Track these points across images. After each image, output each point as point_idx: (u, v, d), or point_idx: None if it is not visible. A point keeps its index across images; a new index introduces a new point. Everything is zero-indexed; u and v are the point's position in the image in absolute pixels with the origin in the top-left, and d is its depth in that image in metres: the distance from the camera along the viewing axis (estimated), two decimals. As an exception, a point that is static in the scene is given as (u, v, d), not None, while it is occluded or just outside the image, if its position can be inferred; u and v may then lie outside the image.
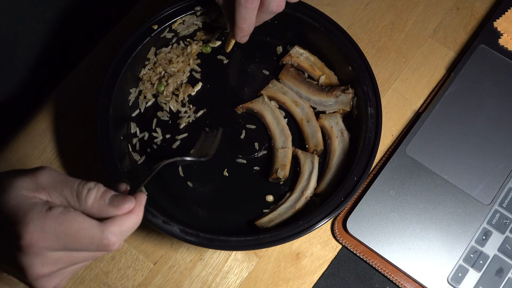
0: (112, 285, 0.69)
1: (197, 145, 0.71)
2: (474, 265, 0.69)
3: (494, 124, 0.75)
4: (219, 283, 0.70)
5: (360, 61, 0.72)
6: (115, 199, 0.46)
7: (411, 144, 0.74)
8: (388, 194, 0.72)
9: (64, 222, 0.44)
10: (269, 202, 0.71)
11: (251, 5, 0.62)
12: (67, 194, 0.45)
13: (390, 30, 0.83)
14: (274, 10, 0.64)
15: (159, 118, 0.74)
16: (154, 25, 0.73)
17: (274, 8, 0.64)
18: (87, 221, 0.44)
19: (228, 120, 0.75)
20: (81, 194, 0.45)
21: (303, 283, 0.70)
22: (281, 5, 0.63)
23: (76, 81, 0.78)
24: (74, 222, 0.44)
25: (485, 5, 0.84)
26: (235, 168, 0.72)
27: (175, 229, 0.63)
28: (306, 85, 0.75)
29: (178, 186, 0.71)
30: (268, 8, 0.63)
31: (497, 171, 0.73)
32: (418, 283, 0.69)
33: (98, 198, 0.45)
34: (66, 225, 0.44)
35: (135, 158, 0.72)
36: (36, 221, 0.43)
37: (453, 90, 0.77)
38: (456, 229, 0.70)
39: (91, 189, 0.45)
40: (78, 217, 0.44)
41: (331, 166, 0.71)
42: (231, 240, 0.63)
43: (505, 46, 0.80)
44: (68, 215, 0.44)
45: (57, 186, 0.45)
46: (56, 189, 0.45)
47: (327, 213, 0.64)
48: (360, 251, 0.70)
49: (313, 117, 0.74)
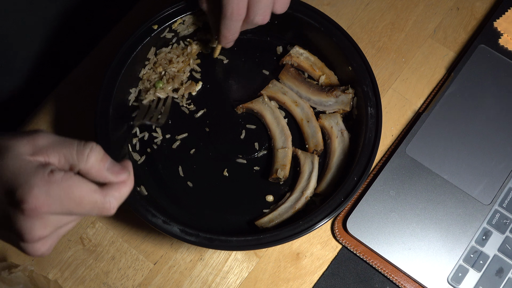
0: (112, 285, 0.69)
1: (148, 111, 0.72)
2: (474, 265, 0.69)
3: (494, 124, 0.75)
4: (219, 283, 0.70)
5: (360, 61, 0.72)
6: (114, 166, 0.47)
7: (411, 144, 0.74)
8: (388, 194, 0.72)
9: (68, 187, 0.45)
10: (269, 202, 0.71)
11: (236, 17, 0.63)
12: (67, 154, 0.46)
13: (390, 30, 0.83)
14: (259, 23, 0.65)
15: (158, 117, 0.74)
16: (154, 25, 0.73)
17: (259, 21, 0.65)
18: (89, 186, 0.46)
19: (228, 120, 0.75)
20: (83, 153, 0.46)
21: (303, 283, 0.70)
22: (266, 18, 0.65)
23: (76, 81, 0.78)
24: (77, 187, 0.45)
25: (485, 5, 0.84)
26: (235, 168, 0.72)
27: (175, 229, 0.63)
28: (306, 85, 0.75)
29: (178, 186, 0.71)
30: (253, 20, 0.64)
31: (497, 171, 0.73)
32: (418, 283, 0.69)
33: (99, 159, 0.47)
34: (70, 190, 0.45)
35: (135, 158, 0.72)
36: (40, 185, 0.44)
37: (453, 90, 0.77)
38: (456, 229, 0.70)
39: (93, 149, 0.46)
40: (81, 182, 0.45)
41: (331, 166, 0.71)
42: (231, 240, 0.63)
43: (505, 46, 0.80)
44: (70, 180, 0.45)
45: (55, 146, 0.46)
46: (54, 150, 0.46)
47: (327, 213, 0.64)
48: (360, 251, 0.70)
49: (313, 117, 0.74)
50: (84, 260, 0.70)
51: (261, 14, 0.63)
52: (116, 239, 0.71)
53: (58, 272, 0.69)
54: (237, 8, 0.62)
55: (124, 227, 0.72)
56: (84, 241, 0.71)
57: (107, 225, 0.72)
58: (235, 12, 0.62)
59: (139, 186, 0.69)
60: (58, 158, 0.46)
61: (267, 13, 0.64)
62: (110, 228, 0.72)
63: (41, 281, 0.64)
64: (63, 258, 0.70)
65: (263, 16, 0.64)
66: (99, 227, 0.72)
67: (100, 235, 0.71)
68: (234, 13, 0.62)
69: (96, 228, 0.72)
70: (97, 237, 0.71)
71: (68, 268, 0.70)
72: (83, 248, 0.71)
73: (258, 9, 0.63)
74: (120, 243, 0.71)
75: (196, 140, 0.73)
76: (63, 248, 0.70)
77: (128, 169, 0.49)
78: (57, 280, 0.68)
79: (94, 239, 0.71)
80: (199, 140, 0.73)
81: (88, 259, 0.70)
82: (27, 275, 0.63)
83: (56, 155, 0.46)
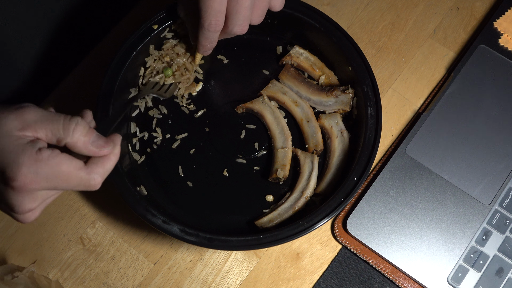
0: (112, 285, 0.69)
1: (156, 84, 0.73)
2: (474, 265, 0.69)
3: (494, 124, 0.75)
4: (219, 283, 0.70)
5: (360, 61, 0.72)
6: (99, 140, 0.51)
7: (411, 144, 0.74)
8: (388, 194, 0.72)
9: (55, 165, 0.48)
10: (269, 202, 0.71)
11: (214, 28, 0.63)
12: (54, 129, 0.49)
13: (390, 30, 0.83)
14: (237, 33, 0.65)
15: (158, 117, 0.74)
16: (154, 25, 0.73)
17: (237, 32, 0.65)
18: (75, 164, 0.49)
19: (228, 120, 0.75)
20: (69, 127, 0.49)
21: (303, 283, 0.70)
22: (244, 29, 0.65)
23: (76, 81, 0.79)
24: (63, 165, 0.48)
25: (485, 5, 0.84)
26: (235, 168, 0.72)
27: (175, 229, 0.63)
28: (306, 85, 0.75)
29: (178, 186, 0.71)
30: (232, 31, 0.65)
31: (497, 171, 0.73)
32: (418, 283, 0.69)
33: (84, 133, 0.50)
34: (56, 168, 0.48)
35: (135, 158, 0.72)
36: (28, 164, 0.47)
37: (453, 90, 0.77)
38: (456, 229, 0.70)
39: (78, 124, 0.50)
40: (67, 160, 0.49)
41: (331, 166, 0.71)
42: (231, 240, 0.63)
43: (505, 46, 0.80)
44: (57, 158, 0.48)
45: (43, 121, 0.49)
46: (42, 125, 0.49)
47: (326, 213, 0.64)
48: (360, 251, 0.70)
49: (313, 117, 0.74)
50: (84, 260, 0.70)
51: (239, 26, 0.64)
52: (116, 239, 0.71)
53: (58, 272, 0.69)
54: (215, 20, 0.62)
55: (124, 227, 0.72)
56: (84, 241, 0.71)
57: (107, 225, 0.72)
58: (213, 23, 0.62)
59: (139, 186, 0.69)
60: (46, 132, 0.49)
61: (245, 24, 0.64)
62: (110, 228, 0.72)
63: (42, 282, 0.64)
64: (63, 258, 0.70)
65: (242, 27, 0.64)
66: (99, 227, 0.72)
67: (100, 235, 0.71)
68: (212, 25, 0.62)
69: (96, 228, 0.72)
70: (97, 237, 0.71)
71: (68, 268, 0.70)
72: (83, 248, 0.71)
73: (237, 21, 0.63)
74: (120, 243, 0.71)
75: (196, 140, 0.73)
76: (63, 248, 0.70)
77: (114, 142, 0.52)
78: (57, 280, 0.68)
79: (94, 239, 0.71)
80: (199, 140, 0.73)
81: (88, 259, 0.70)
82: (27, 276, 0.63)
83: (44, 130, 0.49)
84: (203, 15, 0.62)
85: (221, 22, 0.63)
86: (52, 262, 0.70)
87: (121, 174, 0.65)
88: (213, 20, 0.62)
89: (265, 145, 0.73)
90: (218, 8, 0.61)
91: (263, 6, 0.64)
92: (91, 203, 0.73)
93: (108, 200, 0.72)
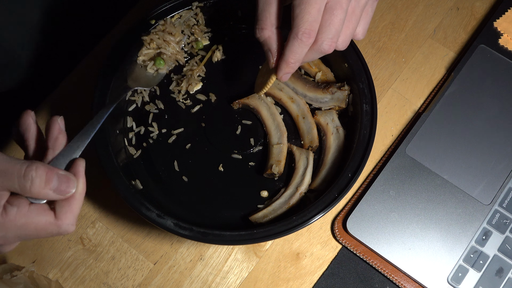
0: (112, 285, 0.69)
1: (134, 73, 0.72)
2: (474, 265, 0.69)
3: (494, 124, 0.75)
4: (219, 283, 0.70)
5: (356, 58, 0.73)
6: (61, 185, 0.48)
7: (411, 144, 0.74)
8: (388, 194, 0.72)
9: (23, 226, 0.47)
10: (264, 198, 0.71)
11: (307, 39, 0.57)
12: (10, 186, 0.47)
13: (390, 30, 0.83)
14: (325, 49, 0.59)
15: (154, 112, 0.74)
16: (151, 20, 0.73)
17: (326, 48, 0.59)
18: (44, 220, 0.48)
19: (224, 115, 0.75)
20: (25, 187, 0.47)
21: (303, 283, 0.70)
22: (332, 46, 0.59)
23: (76, 81, 0.79)
24: (31, 224, 0.47)
25: (485, 5, 0.84)
26: (230, 163, 0.72)
27: (169, 223, 0.63)
28: (303, 82, 0.75)
29: (173, 181, 0.71)
30: (320, 46, 0.59)
31: (497, 171, 0.73)
32: (418, 283, 0.69)
33: (43, 185, 0.47)
34: (25, 227, 0.47)
35: (131, 153, 0.72)
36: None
37: (453, 90, 0.77)
38: (456, 229, 0.70)
39: (33, 180, 0.47)
40: (35, 217, 0.47)
41: (326, 163, 0.71)
42: (224, 234, 0.63)
43: (505, 46, 0.80)
44: (24, 218, 0.47)
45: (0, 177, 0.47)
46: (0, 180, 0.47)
47: (320, 208, 0.64)
48: (360, 251, 0.70)
49: (309, 113, 0.74)
50: (84, 260, 0.70)
51: (329, 39, 0.58)
52: (116, 239, 0.71)
53: (58, 272, 0.69)
54: (310, 28, 0.57)
55: (124, 227, 0.72)
56: (84, 241, 0.71)
57: (107, 225, 0.72)
58: (307, 32, 0.57)
59: (134, 180, 0.69)
60: (3, 188, 0.47)
61: (335, 41, 0.59)
62: (110, 228, 0.72)
63: (42, 281, 0.64)
64: (63, 258, 0.70)
65: (331, 42, 0.59)
66: (99, 227, 0.72)
67: (100, 235, 0.71)
68: (306, 33, 0.57)
69: (96, 228, 0.72)
70: (97, 237, 0.71)
71: (68, 268, 0.70)
72: (83, 248, 0.71)
73: (328, 33, 0.58)
74: (120, 243, 0.71)
75: (192, 135, 0.73)
76: (63, 248, 0.70)
77: (78, 175, 0.50)
78: (57, 280, 0.68)
79: (94, 239, 0.71)
80: (195, 135, 0.73)
81: (88, 259, 0.70)
82: (27, 276, 0.63)
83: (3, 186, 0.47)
84: (298, 22, 0.57)
85: (315, 33, 0.58)
86: (52, 262, 0.70)
87: (117, 168, 0.66)
88: (307, 28, 0.57)
89: (261, 141, 0.74)
90: (315, 16, 0.56)
91: (352, 27, 0.60)
92: (91, 203, 0.73)
93: (108, 200, 0.72)
